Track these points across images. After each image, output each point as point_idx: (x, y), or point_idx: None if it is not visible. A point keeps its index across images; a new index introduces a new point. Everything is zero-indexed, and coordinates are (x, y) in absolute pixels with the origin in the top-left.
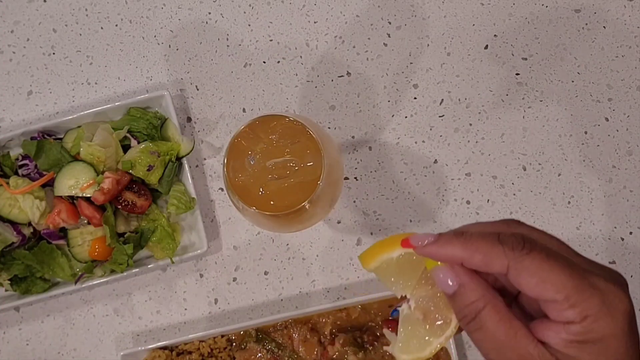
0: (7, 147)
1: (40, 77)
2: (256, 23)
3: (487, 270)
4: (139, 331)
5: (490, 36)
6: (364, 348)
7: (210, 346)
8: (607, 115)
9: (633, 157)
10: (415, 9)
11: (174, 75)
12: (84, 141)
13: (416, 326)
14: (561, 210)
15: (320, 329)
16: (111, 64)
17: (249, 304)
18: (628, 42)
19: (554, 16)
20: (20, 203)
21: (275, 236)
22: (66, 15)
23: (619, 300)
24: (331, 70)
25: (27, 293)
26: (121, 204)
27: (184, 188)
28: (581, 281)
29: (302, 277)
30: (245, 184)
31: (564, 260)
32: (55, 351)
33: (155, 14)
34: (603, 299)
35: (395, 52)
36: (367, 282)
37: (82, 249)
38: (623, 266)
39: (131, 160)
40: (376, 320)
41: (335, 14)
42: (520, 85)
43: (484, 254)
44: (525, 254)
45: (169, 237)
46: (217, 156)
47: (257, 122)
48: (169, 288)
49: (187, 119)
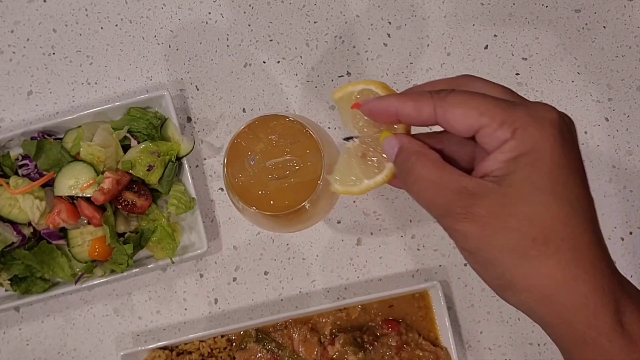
0: (7, 147)
1: (40, 77)
2: (256, 23)
3: (420, 118)
4: (139, 331)
5: (490, 36)
6: (364, 348)
7: (210, 346)
8: (607, 115)
9: (633, 157)
10: (415, 9)
11: (174, 75)
12: (84, 141)
13: (354, 163)
14: None
15: (320, 329)
16: (111, 64)
17: (249, 304)
18: (628, 42)
19: (554, 16)
20: (20, 203)
21: (275, 236)
22: (66, 15)
23: (546, 111)
24: (331, 70)
25: (27, 293)
26: (121, 204)
27: (184, 188)
28: (505, 103)
29: (302, 277)
30: (245, 184)
31: (490, 96)
32: (55, 351)
33: (155, 14)
34: (528, 111)
35: (395, 52)
36: (367, 282)
37: (82, 249)
38: (623, 266)
39: (131, 160)
40: (376, 320)
41: (335, 14)
42: (520, 85)
43: (414, 100)
44: (448, 92)
45: (169, 237)
46: (217, 156)
47: (257, 122)
48: (169, 288)
49: (187, 119)
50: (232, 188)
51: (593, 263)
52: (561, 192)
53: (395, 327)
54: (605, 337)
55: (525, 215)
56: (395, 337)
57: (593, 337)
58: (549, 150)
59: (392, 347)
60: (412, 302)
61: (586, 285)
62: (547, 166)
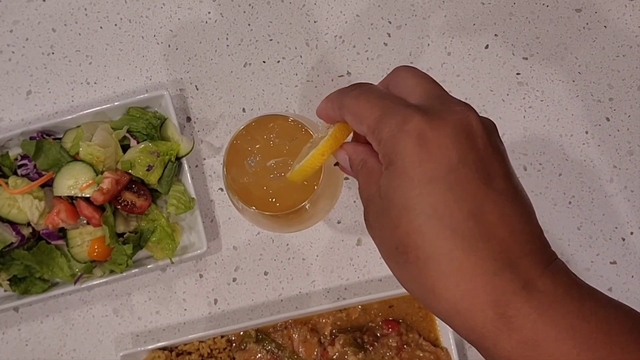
0: (6, 147)
1: (40, 77)
2: (256, 23)
3: (337, 118)
4: (139, 331)
5: (491, 36)
6: (364, 348)
7: (210, 347)
8: (608, 115)
9: (634, 157)
10: (416, 9)
11: (174, 75)
12: (83, 141)
13: (305, 152)
14: (562, 210)
15: (320, 330)
16: (110, 64)
17: (249, 304)
18: (629, 42)
19: (554, 16)
20: (20, 203)
21: (275, 236)
22: (65, 15)
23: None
24: (331, 70)
25: (26, 293)
26: (120, 204)
27: (183, 188)
28: (386, 109)
29: (302, 278)
30: (245, 184)
31: (378, 95)
32: (54, 351)
33: (155, 14)
34: (401, 119)
35: (395, 51)
36: (367, 282)
37: (81, 249)
38: (624, 266)
39: (131, 160)
40: (376, 321)
41: (335, 13)
42: (521, 85)
43: (327, 102)
44: (345, 94)
45: (169, 237)
46: (216, 156)
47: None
48: (168, 288)
49: (186, 118)
50: (231, 188)
51: (459, 269)
52: (414, 204)
53: (395, 327)
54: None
55: (389, 226)
56: (396, 337)
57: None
58: (400, 163)
59: (392, 348)
60: (413, 302)
61: (449, 292)
62: (400, 179)
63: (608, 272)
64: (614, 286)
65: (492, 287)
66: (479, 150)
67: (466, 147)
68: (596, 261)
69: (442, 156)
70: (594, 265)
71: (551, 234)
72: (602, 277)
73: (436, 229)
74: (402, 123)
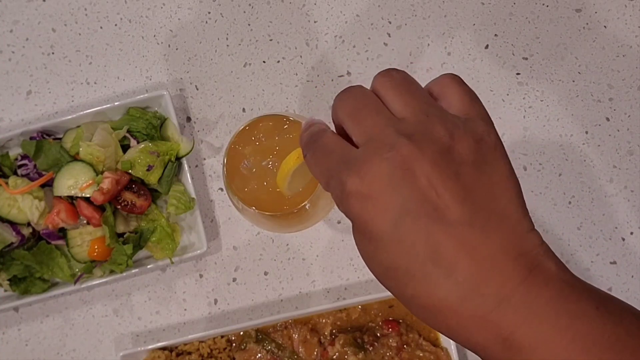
0: (6, 147)
1: (40, 77)
2: (256, 23)
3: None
4: (139, 332)
5: (491, 36)
6: (364, 348)
7: (210, 347)
8: (608, 115)
9: (634, 157)
10: (416, 9)
11: (174, 75)
12: (83, 141)
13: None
14: (562, 210)
15: (320, 330)
16: (110, 64)
17: (249, 304)
18: (629, 42)
19: (554, 16)
20: (20, 203)
21: (275, 236)
22: (65, 15)
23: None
24: (331, 70)
25: (26, 293)
26: (120, 204)
27: (183, 188)
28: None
29: (302, 278)
30: (245, 184)
31: (324, 152)
32: (54, 352)
33: (155, 14)
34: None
35: (395, 51)
36: (367, 283)
37: (81, 249)
38: (624, 267)
39: (130, 160)
40: (376, 321)
41: (335, 13)
42: (521, 85)
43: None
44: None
45: (169, 237)
46: (216, 156)
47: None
48: (168, 288)
49: (186, 118)
50: (231, 188)
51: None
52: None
53: (395, 327)
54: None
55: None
56: (396, 337)
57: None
58: (355, 223)
59: (392, 348)
60: None
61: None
62: (361, 235)
63: (608, 272)
64: (614, 286)
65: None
66: (420, 188)
67: (404, 190)
68: (596, 261)
69: (383, 213)
70: (594, 265)
71: (551, 234)
72: (602, 277)
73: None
74: (341, 186)
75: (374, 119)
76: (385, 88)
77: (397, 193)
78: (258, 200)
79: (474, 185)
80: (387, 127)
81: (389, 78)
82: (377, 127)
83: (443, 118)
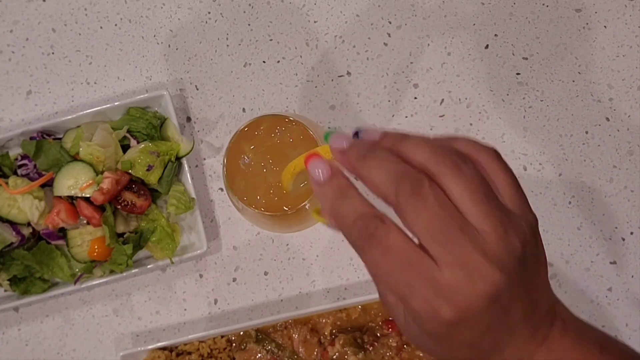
0: (6, 147)
1: (40, 77)
2: (256, 23)
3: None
4: (139, 331)
5: (491, 36)
6: (364, 349)
7: (210, 347)
8: (608, 115)
9: (634, 157)
10: (416, 9)
11: (174, 75)
12: (83, 141)
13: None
14: (562, 210)
15: (320, 330)
16: (110, 64)
17: (249, 304)
18: (629, 42)
19: (554, 16)
20: (20, 203)
21: (275, 236)
22: (65, 15)
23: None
24: (331, 70)
25: (26, 293)
26: (120, 204)
27: (183, 188)
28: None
29: (302, 278)
30: (245, 184)
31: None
32: (54, 352)
33: (155, 14)
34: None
35: (395, 51)
36: (367, 283)
37: (81, 249)
38: (624, 267)
39: (130, 160)
40: (376, 321)
41: (335, 13)
42: (520, 85)
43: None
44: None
45: (169, 237)
46: (216, 156)
47: (257, 122)
48: (168, 288)
49: (186, 118)
50: (231, 188)
51: None
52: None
53: (395, 327)
54: None
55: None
56: (396, 337)
57: None
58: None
59: (392, 348)
60: None
61: None
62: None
63: (608, 272)
64: (613, 286)
65: None
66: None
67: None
68: (596, 261)
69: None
70: (594, 265)
71: (551, 234)
72: (602, 277)
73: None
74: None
75: (458, 240)
76: (459, 189)
77: (485, 319)
78: (258, 200)
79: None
80: (476, 251)
81: (462, 176)
82: (465, 250)
83: (516, 228)
